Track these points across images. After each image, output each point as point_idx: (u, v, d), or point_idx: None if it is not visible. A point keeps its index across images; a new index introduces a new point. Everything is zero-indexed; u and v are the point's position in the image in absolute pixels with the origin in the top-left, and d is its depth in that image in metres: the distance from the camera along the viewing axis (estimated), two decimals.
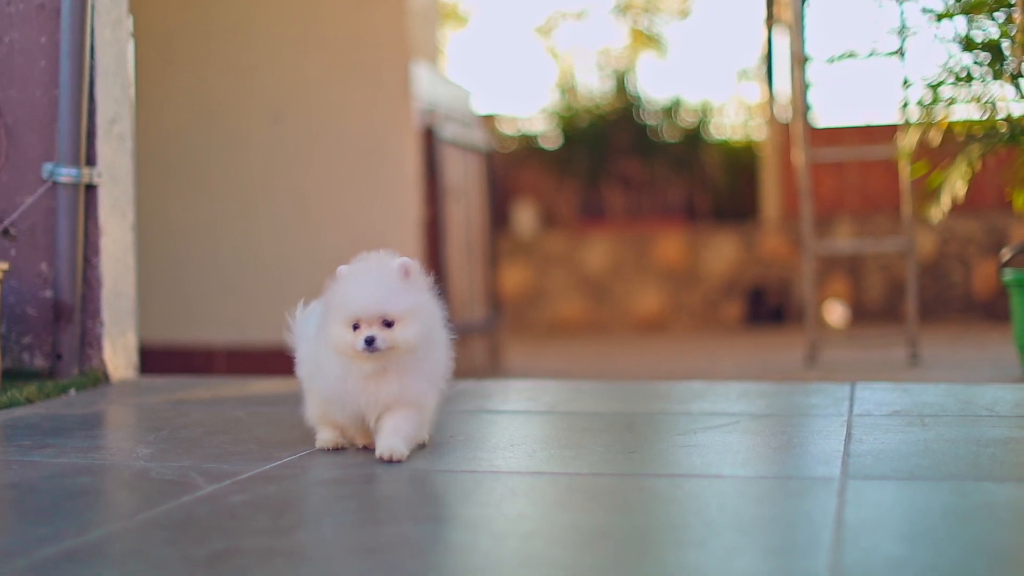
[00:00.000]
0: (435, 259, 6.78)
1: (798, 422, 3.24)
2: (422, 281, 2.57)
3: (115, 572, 1.78)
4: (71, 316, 3.92)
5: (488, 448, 2.88)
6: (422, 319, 2.52)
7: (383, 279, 2.50)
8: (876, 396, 3.49)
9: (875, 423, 3.03)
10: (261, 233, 6.89)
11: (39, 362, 3.94)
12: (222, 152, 6.95)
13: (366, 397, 2.56)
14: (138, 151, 4.41)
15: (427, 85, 6.90)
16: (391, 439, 2.54)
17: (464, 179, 7.35)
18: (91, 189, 3.99)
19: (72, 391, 3.77)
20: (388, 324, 2.48)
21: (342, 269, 2.55)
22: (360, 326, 2.48)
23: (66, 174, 3.88)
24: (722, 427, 3.03)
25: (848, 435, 2.84)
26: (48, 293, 3.94)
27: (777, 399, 3.64)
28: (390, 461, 2.52)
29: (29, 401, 3.57)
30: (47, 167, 3.91)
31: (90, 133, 3.98)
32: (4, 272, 3.77)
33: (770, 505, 2.17)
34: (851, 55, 6.48)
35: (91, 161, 3.98)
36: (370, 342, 2.45)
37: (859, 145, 9.25)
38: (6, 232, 3.95)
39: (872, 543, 1.86)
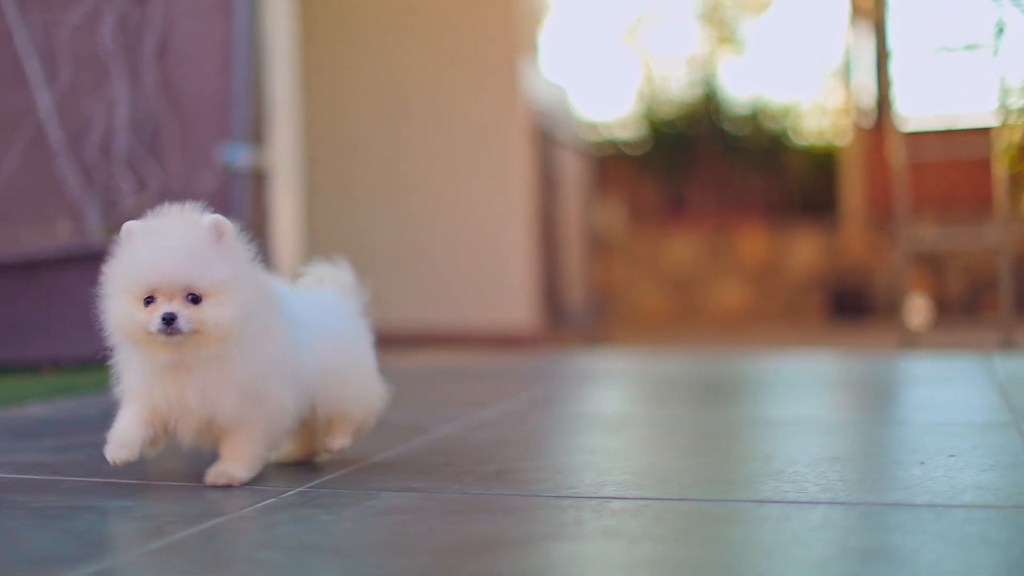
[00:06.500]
0: (548, 252, 7.04)
1: (945, 385, 3.44)
2: (242, 249, 1.95)
3: (402, 481, 2.03)
4: None
5: (608, 399, 3.13)
6: (242, 297, 1.90)
7: (190, 239, 1.89)
8: (1015, 365, 3.68)
9: None
10: (382, 227, 7.12)
11: None
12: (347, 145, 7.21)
13: (162, 398, 1.93)
14: None
15: (533, 83, 7.15)
16: (224, 464, 1.99)
17: (566, 174, 7.61)
18: (264, 172, 4.27)
19: None
20: (195, 300, 1.87)
21: (131, 224, 1.92)
22: (156, 300, 1.87)
23: (240, 157, 4.17)
24: (869, 386, 3.24)
25: (1004, 393, 3.05)
26: None
27: (912, 367, 3.85)
28: (227, 485, 1.97)
29: None
30: (222, 151, 4.19)
31: (262, 118, 4.26)
32: None
33: (961, 440, 2.37)
34: (946, 49, 6.65)
35: (263, 145, 4.26)
36: (170, 320, 1.84)
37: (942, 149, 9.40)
38: None
39: None
